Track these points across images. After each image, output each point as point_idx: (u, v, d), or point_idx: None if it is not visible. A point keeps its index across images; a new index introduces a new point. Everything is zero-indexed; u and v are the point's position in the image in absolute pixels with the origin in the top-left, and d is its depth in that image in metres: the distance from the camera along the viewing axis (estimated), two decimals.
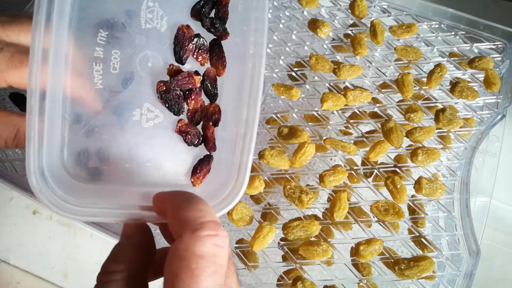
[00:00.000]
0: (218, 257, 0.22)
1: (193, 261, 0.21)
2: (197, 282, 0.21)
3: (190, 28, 0.30)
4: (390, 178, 0.41)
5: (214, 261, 0.22)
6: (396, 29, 0.49)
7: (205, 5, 0.30)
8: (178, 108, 0.30)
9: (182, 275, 0.21)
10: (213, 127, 0.30)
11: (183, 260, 0.22)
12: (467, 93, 0.46)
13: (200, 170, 0.30)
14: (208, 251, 0.22)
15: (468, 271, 0.39)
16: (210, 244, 0.22)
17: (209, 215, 0.23)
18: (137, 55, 0.30)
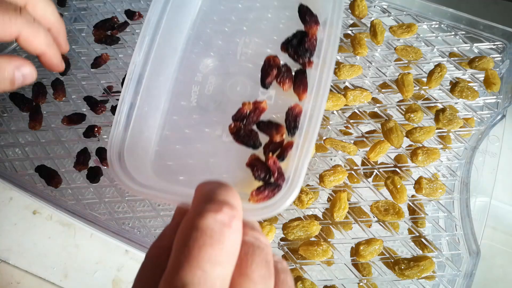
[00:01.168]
0: (218, 234, 0.20)
1: (188, 233, 0.20)
2: (188, 255, 0.19)
3: (277, 57, 0.33)
4: (390, 178, 0.41)
5: (211, 236, 0.20)
6: (396, 29, 0.49)
7: (294, 38, 0.33)
8: (253, 143, 0.31)
9: (175, 247, 0.20)
10: (274, 158, 0.29)
11: (180, 233, 0.20)
12: (467, 93, 0.46)
13: (263, 192, 0.28)
14: (207, 225, 0.20)
15: (468, 271, 0.39)
16: (211, 219, 0.20)
17: (226, 195, 0.21)
18: (228, 81, 0.34)
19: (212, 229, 0.20)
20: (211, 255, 0.20)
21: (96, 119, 0.47)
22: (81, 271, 0.49)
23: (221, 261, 0.20)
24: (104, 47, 0.51)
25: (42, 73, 0.50)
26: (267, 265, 0.21)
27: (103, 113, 0.47)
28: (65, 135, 0.47)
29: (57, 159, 0.46)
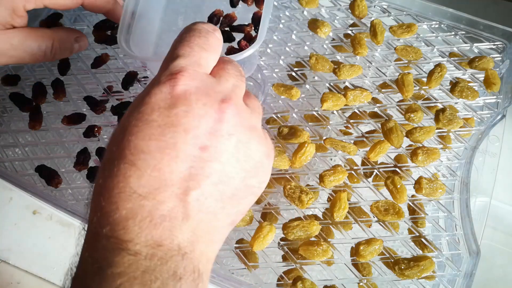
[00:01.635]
0: (205, 32, 0.29)
1: (182, 32, 0.29)
2: (182, 39, 0.29)
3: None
4: (390, 178, 0.41)
5: (200, 31, 0.29)
6: (396, 29, 0.49)
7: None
8: (228, 36, 0.44)
9: (174, 41, 0.29)
10: (245, 42, 0.43)
11: (177, 35, 0.29)
12: (467, 93, 0.46)
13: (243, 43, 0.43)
14: (196, 27, 0.29)
15: (468, 271, 0.39)
16: (199, 25, 0.29)
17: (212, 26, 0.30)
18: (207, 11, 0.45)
19: (200, 29, 0.29)
20: (198, 42, 0.28)
21: (96, 119, 0.47)
22: None
23: (206, 48, 0.28)
24: (104, 47, 0.51)
25: (42, 73, 0.50)
26: (240, 72, 0.29)
27: (103, 113, 0.47)
28: (65, 135, 0.47)
29: (57, 159, 0.46)
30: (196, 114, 0.25)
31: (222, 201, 0.26)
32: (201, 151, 0.25)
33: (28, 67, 0.51)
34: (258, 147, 0.27)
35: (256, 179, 0.28)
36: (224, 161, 0.25)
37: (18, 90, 0.49)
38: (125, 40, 0.40)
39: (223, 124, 0.26)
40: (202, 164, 0.25)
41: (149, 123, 0.25)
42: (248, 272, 0.40)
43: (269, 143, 0.29)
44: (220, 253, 0.40)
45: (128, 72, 0.49)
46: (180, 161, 0.24)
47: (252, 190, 0.28)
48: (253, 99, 0.30)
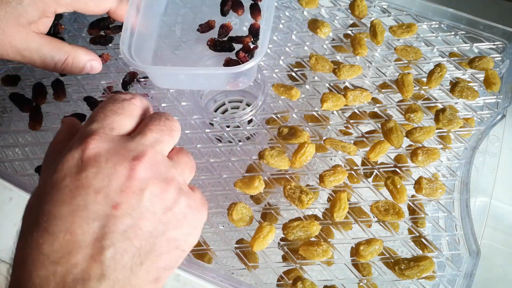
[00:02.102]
0: (120, 101, 0.31)
1: (101, 103, 0.31)
2: (98, 108, 0.31)
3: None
4: (390, 178, 0.41)
5: (114, 100, 0.31)
6: (396, 29, 0.49)
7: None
8: (229, 47, 0.46)
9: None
10: (244, 54, 0.44)
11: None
12: (467, 93, 0.46)
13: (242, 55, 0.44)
14: (113, 96, 0.31)
15: (468, 271, 0.39)
16: (117, 95, 0.31)
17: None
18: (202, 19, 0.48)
19: (116, 98, 0.31)
20: (112, 108, 0.30)
21: None
22: None
23: (119, 112, 0.30)
24: (103, 48, 0.51)
25: (42, 74, 0.50)
26: (168, 127, 0.30)
27: None
28: None
29: None
30: (105, 174, 0.26)
31: (139, 257, 0.25)
32: (113, 209, 0.25)
33: (28, 67, 0.51)
34: (176, 199, 0.28)
35: (178, 231, 0.27)
36: (137, 216, 0.26)
37: (18, 90, 0.49)
38: (128, 50, 0.42)
39: (133, 180, 0.26)
40: (115, 222, 0.25)
41: (61, 189, 0.26)
42: (248, 272, 0.40)
43: (197, 196, 0.30)
44: (220, 253, 0.41)
45: (128, 73, 0.49)
46: (91, 222, 0.25)
47: (175, 244, 0.27)
48: (184, 155, 0.31)
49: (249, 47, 0.45)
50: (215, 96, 0.56)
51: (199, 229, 0.30)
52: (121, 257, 0.25)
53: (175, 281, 0.41)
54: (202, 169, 0.45)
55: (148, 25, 0.47)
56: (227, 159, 0.45)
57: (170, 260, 0.27)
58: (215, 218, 0.43)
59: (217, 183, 0.44)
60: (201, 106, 0.49)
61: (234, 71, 0.41)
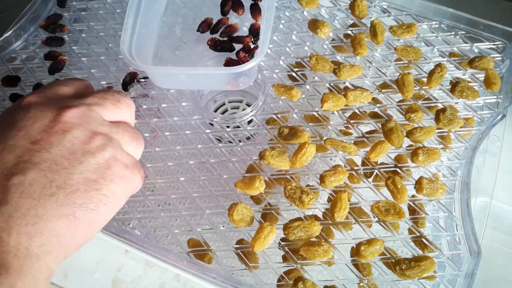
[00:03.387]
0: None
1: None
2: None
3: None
4: (390, 178, 0.41)
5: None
6: (396, 29, 0.49)
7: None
8: (229, 47, 0.47)
9: None
10: (244, 54, 0.45)
11: None
12: (468, 93, 0.46)
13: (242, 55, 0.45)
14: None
15: (469, 271, 0.39)
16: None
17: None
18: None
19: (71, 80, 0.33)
20: (59, 82, 0.32)
21: None
22: (81, 271, 0.49)
23: (68, 85, 0.32)
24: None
25: (42, 74, 0.50)
26: (110, 96, 0.31)
27: None
28: None
29: None
30: (31, 116, 0.28)
31: (50, 189, 0.25)
32: (31, 144, 0.26)
33: (28, 68, 0.51)
34: (105, 148, 0.28)
35: (98, 175, 0.27)
36: (55, 152, 0.26)
37: (18, 91, 0.49)
38: (128, 51, 0.43)
39: (57, 123, 0.27)
40: (31, 154, 0.26)
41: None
42: (248, 272, 0.40)
43: (131, 158, 0.30)
44: (221, 254, 0.41)
45: (128, 73, 0.49)
46: (7, 153, 0.26)
47: (95, 186, 0.27)
48: (127, 125, 0.32)
49: (249, 47, 0.45)
50: (215, 96, 0.56)
51: (126, 185, 0.29)
52: (29, 186, 0.25)
53: (175, 281, 0.41)
54: (202, 169, 0.45)
55: (148, 25, 0.47)
56: (228, 159, 0.45)
57: (88, 200, 0.27)
58: (215, 218, 0.43)
59: (217, 183, 0.44)
60: (201, 106, 0.49)
61: (235, 71, 0.41)
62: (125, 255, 0.42)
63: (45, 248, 0.25)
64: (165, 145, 0.46)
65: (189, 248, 0.41)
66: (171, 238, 0.42)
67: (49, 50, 0.51)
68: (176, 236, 0.42)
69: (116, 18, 0.53)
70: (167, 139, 0.46)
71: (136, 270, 0.41)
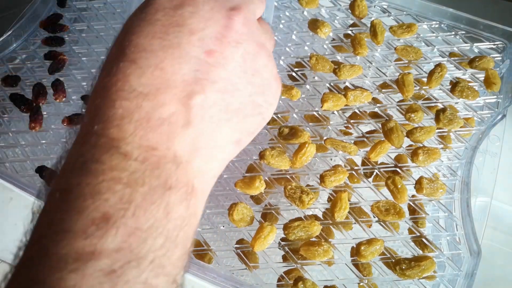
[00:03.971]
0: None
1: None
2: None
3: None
4: (390, 178, 0.41)
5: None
6: (396, 29, 0.49)
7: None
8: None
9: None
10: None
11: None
12: (468, 93, 0.46)
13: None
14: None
15: (469, 271, 0.39)
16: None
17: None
18: None
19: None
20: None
21: None
22: None
23: None
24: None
25: (42, 74, 0.50)
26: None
27: None
28: (65, 136, 0.47)
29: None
30: (202, 16, 0.24)
31: (227, 112, 0.24)
32: (206, 56, 0.23)
33: (28, 67, 0.51)
34: (267, 65, 0.26)
35: (263, 97, 0.26)
36: (230, 70, 0.24)
37: (18, 90, 0.49)
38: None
39: (230, 31, 0.24)
40: (208, 69, 0.23)
41: (153, 22, 0.23)
42: (248, 272, 0.40)
43: (276, 70, 0.28)
44: (221, 253, 0.41)
45: None
46: (184, 63, 0.23)
47: (259, 109, 0.26)
48: (267, 25, 0.29)
49: None
50: None
51: (277, 101, 0.28)
52: (209, 108, 0.23)
53: None
54: None
55: None
56: None
57: (253, 125, 0.26)
58: (215, 218, 0.43)
59: (217, 183, 0.43)
60: None
61: None
62: None
63: (216, 171, 0.25)
64: None
65: None
66: None
67: (49, 50, 0.51)
68: None
69: (116, 18, 0.53)
70: None
71: None
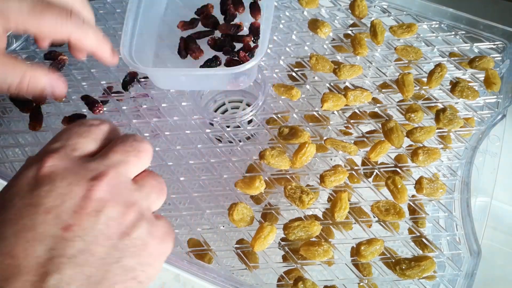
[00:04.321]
0: (87, 124, 0.28)
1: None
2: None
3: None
4: (390, 178, 0.41)
5: (80, 124, 0.28)
6: (396, 29, 0.49)
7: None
8: (230, 45, 0.47)
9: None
10: (245, 53, 0.45)
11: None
12: (468, 93, 0.46)
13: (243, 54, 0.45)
14: (82, 121, 0.29)
15: (469, 271, 0.39)
16: (87, 121, 0.29)
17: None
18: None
19: (83, 122, 0.28)
20: (78, 130, 0.27)
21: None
22: None
23: (84, 135, 0.27)
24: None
25: None
26: (134, 148, 0.27)
27: (101, 113, 0.47)
28: None
29: None
30: (59, 193, 0.24)
31: (89, 286, 0.23)
32: (63, 231, 0.23)
33: None
34: (138, 224, 0.25)
35: (135, 260, 0.25)
36: (90, 240, 0.23)
37: None
38: (128, 53, 0.43)
39: (89, 201, 0.24)
40: (64, 245, 0.23)
41: (9, 208, 0.23)
42: (248, 272, 0.40)
43: (161, 224, 0.27)
44: (221, 253, 0.41)
45: (128, 73, 0.49)
46: (37, 244, 0.22)
47: (132, 274, 0.25)
48: (152, 178, 0.28)
49: (249, 46, 0.45)
50: (215, 96, 0.56)
51: (161, 260, 0.27)
52: (67, 286, 0.22)
53: (175, 281, 0.41)
54: (202, 169, 0.45)
55: (148, 26, 0.47)
56: (228, 159, 0.45)
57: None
58: (215, 218, 0.43)
59: (217, 183, 0.44)
60: (201, 106, 0.49)
61: (235, 71, 0.41)
62: None
63: None
64: (165, 144, 0.46)
65: (189, 248, 0.41)
66: None
67: (49, 50, 0.51)
68: (176, 236, 0.42)
69: (116, 18, 0.53)
70: (167, 138, 0.46)
71: None
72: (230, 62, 0.45)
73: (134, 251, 0.25)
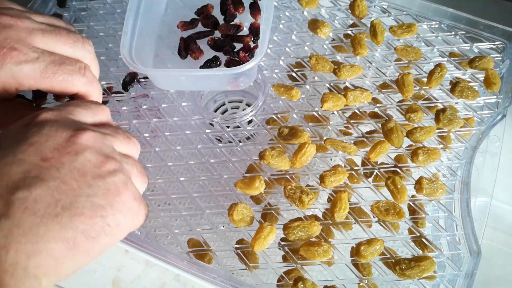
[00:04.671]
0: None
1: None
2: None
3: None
4: (390, 178, 0.41)
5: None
6: (396, 29, 0.49)
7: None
8: (229, 46, 0.47)
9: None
10: (245, 53, 0.45)
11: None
12: (467, 93, 0.46)
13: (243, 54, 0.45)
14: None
15: (469, 271, 0.39)
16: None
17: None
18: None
19: (85, 101, 0.32)
20: (78, 103, 0.31)
21: None
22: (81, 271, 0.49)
23: (82, 107, 0.30)
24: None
25: None
26: (123, 131, 0.30)
27: None
28: None
29: None
30: (45, 133, 0.26)
31: (55, 208, 0.24)
32: (41, 161, 0.25)
33: None
34: (116, 173, 0.27)
35: (106, 201, 0.26)
36: (64, 172, 0.25)
37: (23, 92, 0.49)
38: (128, 53, 0.43)
39: (71, 144, 0.26)
40: (39, 171, 0.25)
41: (1, 140, 0.27)
42: (248, 273, 0.40)
43: (137, 191, 0.29)
44: (221, 254, 0.41)
45: (128, 73, 0.49)
46: (15, 167, 0.25)
47: (101, 212, 0.26)
48: (137, 162, 0.30)
49: (249, 46, 0.45)
50: (215, 96, 0.56)
51: (133, 216, 0.28)
52: (34, 202, 0.24)
53: (175, 281, 0.41)
54: (202, 169, 0.45)
55: (148, 26, 0.47)
56: (227, 159, 0.45)
57: (91, 227, 0.25)
58: (215, 218, 0.43)
59: (217, 183, 0.44)
60: (201, 106, 0.49)
61: (235, 72, 0.41)
62: (125, 255, 0.42)
63: (42, 269, 0.24)
64: (165, 145, 0.46)
65: (189, 248, 0.41)
66: (171, 238, 0.42)
67: None
68: (176, 236, 0.42)
69: (116, 18, 0.53)
70: (167, 139, 0.46)
71: (136, 270, 0.41)
72: (230, 63, 0.45)
73: (106, 193, 0.26)
